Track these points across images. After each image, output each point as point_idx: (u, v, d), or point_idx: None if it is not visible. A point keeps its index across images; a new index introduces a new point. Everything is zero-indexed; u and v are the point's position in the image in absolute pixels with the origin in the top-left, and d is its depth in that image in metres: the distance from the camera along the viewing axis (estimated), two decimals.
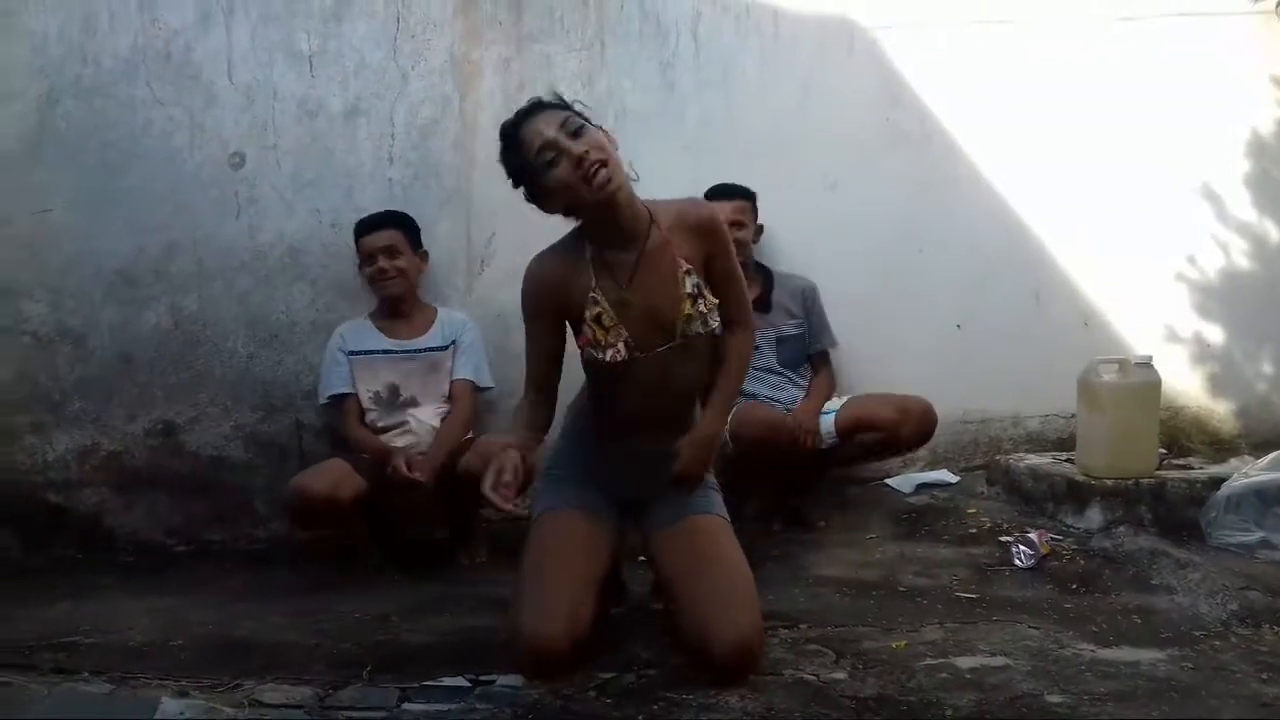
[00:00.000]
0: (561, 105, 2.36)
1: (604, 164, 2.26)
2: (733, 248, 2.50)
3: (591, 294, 2.38)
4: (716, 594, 2.29)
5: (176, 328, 3.70)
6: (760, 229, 3.81)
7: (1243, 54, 4.12)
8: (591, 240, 2.41)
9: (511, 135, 2.34)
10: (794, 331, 3.79)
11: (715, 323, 2.43)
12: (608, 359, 2.39)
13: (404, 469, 3.25)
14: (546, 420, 2.54)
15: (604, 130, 2.36)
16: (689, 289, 2.40)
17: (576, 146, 2.25)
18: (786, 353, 3.77)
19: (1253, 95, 4.14)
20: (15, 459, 3.66)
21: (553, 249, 2.47)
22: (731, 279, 2.48)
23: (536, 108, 2.35)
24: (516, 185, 2.38)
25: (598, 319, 2.39)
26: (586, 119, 2.34)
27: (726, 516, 2.54)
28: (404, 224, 3.57)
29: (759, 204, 3.82)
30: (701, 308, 2.41)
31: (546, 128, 2.28)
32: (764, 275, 3.82)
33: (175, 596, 3.07)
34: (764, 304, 3.76)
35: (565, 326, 2.47)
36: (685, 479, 2.47)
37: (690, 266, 2.40)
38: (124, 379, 3.69)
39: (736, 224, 3.71)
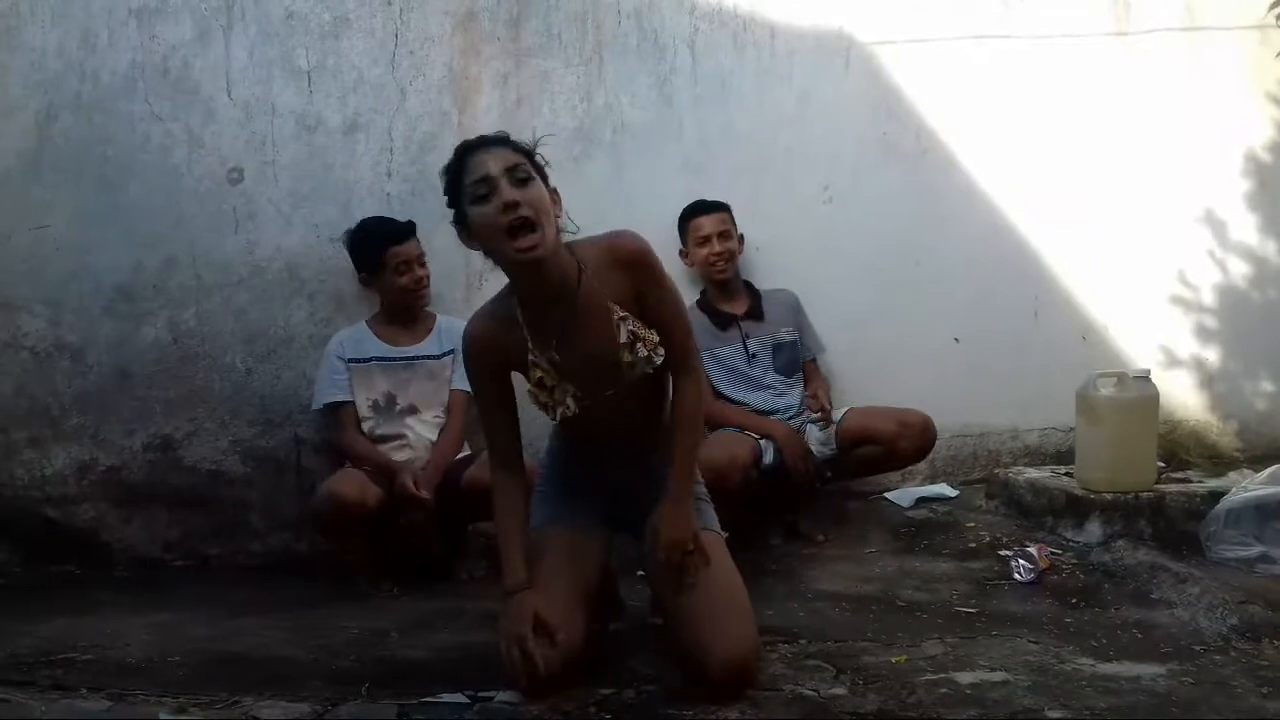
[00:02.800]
0: (523, 151, 2.29)
1: (530, 225, 2.18)
2: (665, 279, 2.40)
3: (530, 356, 2.34)
4: (711, 610, 2.29)
5: (175, 342, 3.70)
6: (741, 239, 3.82)
7: (1241, 69, 4.14)
8: (520, 299, 2.35)
9: (460, 154, 2.29)
10: (789, 339, 3.80)
11: (660, 357, 2.38)
12: (558, 416, 2.39)
13: (411, 487, 3.25)
14: (527, 497, 2.50)
15: (554, 192, 2.30)
16: (624, 337, 2.33)
17: (510, 193, 2.18)
18: (783, 360, 3.78)
19: (1251, 111, 4.16)
20: (13, 474, 3.65)
21: (487, 310, 2.43)
22: (668, 312, 2.39)
23: (497, 141, 2.29)
24: (449, 205, 2.32)
25: (540, 382, 2.36)
26: (543, 175, 2.29)
27: (719, 531, 2.53)
28: (416, 232, 3.58)
29: (756, 218, 3.84)
30: (641, 351, 2.34)
31: (493, 163, 2.21)
32: (750, 289, 3.84)
33: (173, 612, 3.06)
34: (757, 313, 3.78)
35: (511, 378, 2.43)
36: (673, 547, 2.37)
37: (624, 312, 2.34)
38: (122, 394, 3.68)
39: (724, 235, 3.74)
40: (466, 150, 2.28)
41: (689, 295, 3.81)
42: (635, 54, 3.93)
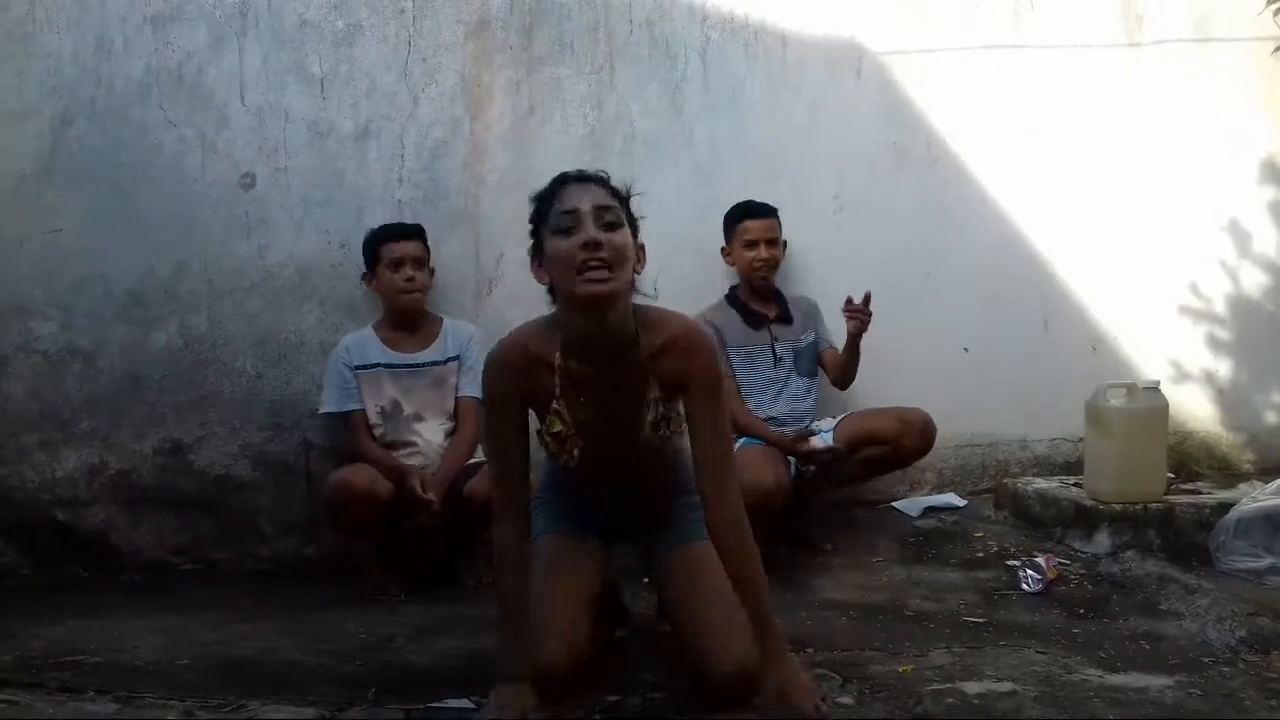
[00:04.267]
0: (620, 197, 2.23)
1: (607, 268, 2.11)
2: (721, 389, 2.29)
3: (555, 404, 2.26)
4: (716, 620, 2.28)
5: (186, 347, 3.72)
6: (784, 244, 3.83)
7: (1252, 80, 4.13)
8: (564, 341, 2.24)
9: (555, 183, 2.23)
10: (808, 342, 3.80)
11: (677, 434, 2.34)
12: (561, 464, 2.34)
13: (419, 489, 3.26)
14: (529, 552, 2.36)
15: (640, 247, 2.23)
16: (651, 416, 2.29)
17: (594, 233, 2.12)
18: (804, 363, 3.78)
19: (1263, 122, 4.15)
20: (24, 476, 3.67)
21: (524, 339, 2.30)
22: (710, 422, 2.27)
23: (595, 179, 2.23)
24: (531, 233, 2.27)
25: (556, 433, 2.29)
26: (634, 225, 2.22)
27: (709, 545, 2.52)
28: (424, 236, 3.60)
29: None
30: (664, 432, 2.31)
31: (585, 198, 2.16)
32: (777, 294, 3.84)
33: (181, 615, 3.07)
34: (786, 317, 3.78)
35: (528, 410, 2.32)
36: (817, 709, 2.21)
37: (661, 396, 2.28)
38: (133, 398, 3.70)
39: (771, 241, 3.74)
40: (563, 180, 2.23)
41: (720, 289, 3.83)
42: (647, 63, 3.95)
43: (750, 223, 3.75)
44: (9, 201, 3.68)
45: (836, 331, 3.84)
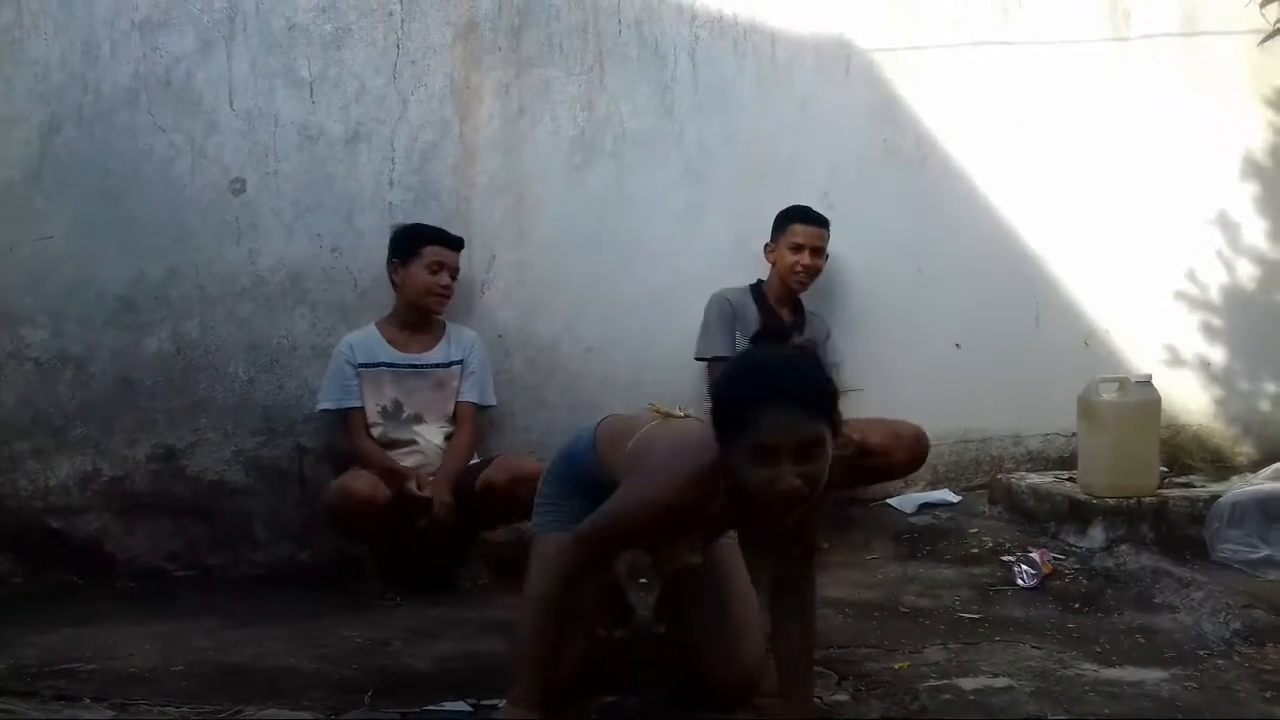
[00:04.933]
0: (824, 403, 1.90)
1: (804, 500, 1.86)
2: (815, 529, 2.22)
3: (689, 554, 2.17)
4: (721, 620, 2.28)
5: (178, 353, 3.70)
6: (828, 257, 3.83)
7: (1240, 74, 4.15)
8: (726, 512, 2.03)
9: (757, 399, 1.86)
10: (823, 355, 3.78)
11: None
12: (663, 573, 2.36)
13: (415, 489, 3.26)
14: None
15: (829, 438, 1.89)
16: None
17: (792, 476, 1.82)
18: None
19: (1251, 115, 4.16)
20: (17, 484, 3.65)
21: (686, 489, 2.01)
22: (804, 541, 2.20)
23: (792, 396, 1.85)
24: (715, 423, 1.93)
25: (687, 559, 2.19)
26: (836, 420, 1.92)
27: (734, 538, 2.52)
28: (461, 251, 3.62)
29: (757, 226, 3.85)
30: None
31: (791, 426, 1.83)
32: (797, 303, 3.84)
33: (176, 622, 3.06)
34: (799, 328, 3.78)
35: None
36: None
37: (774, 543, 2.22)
38: (125, 404, 3.68)
39: (817, 250, 3.76)
40: (761, 399, 1.85)
41: (695, 308, 3.80)
42: (636, 63, 3.94)
43: (801, 226, 3.75)
44: None
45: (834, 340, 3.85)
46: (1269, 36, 4.01)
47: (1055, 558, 3.30)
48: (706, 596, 2.34)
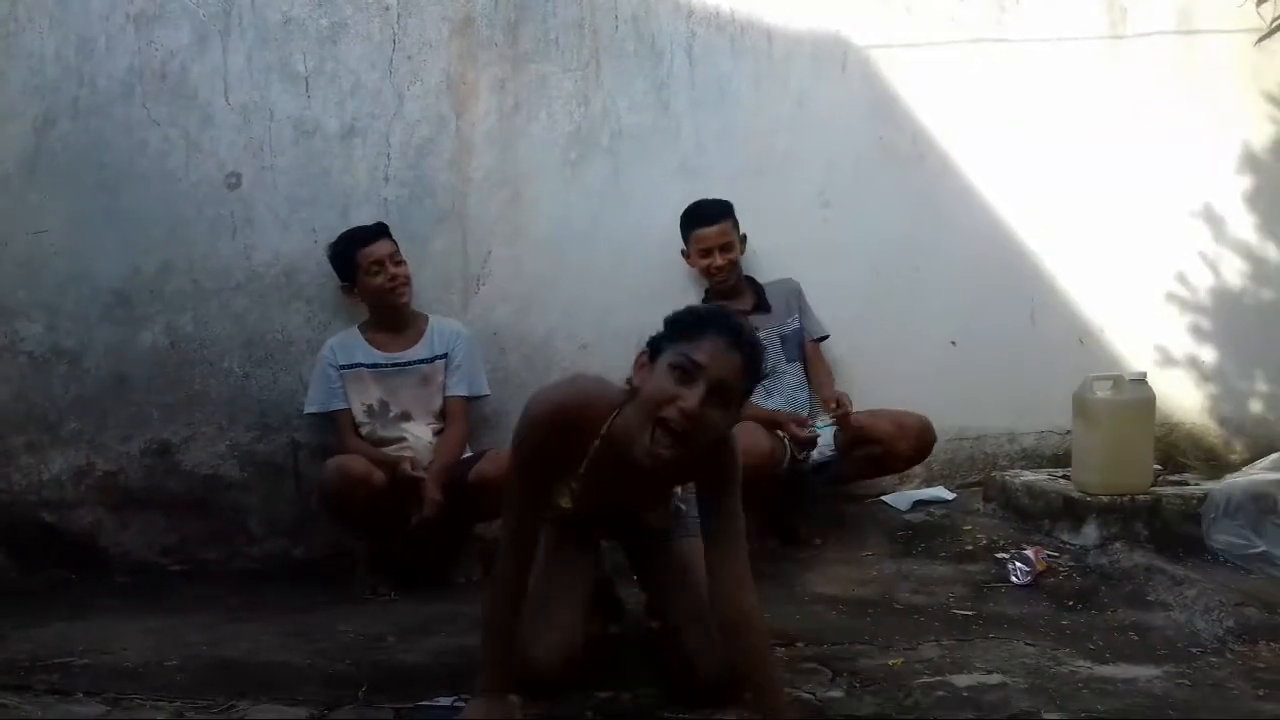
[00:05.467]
0: (755, 373, 2.01)
1: (681, 442, 1.92)
2: (737, 491, 2.12)
3: (572, 482, 2.15)
4: (702, 616, 2.28)
5: (172, 347, 3.70)
6: (744, 238, 3.81)
7: (1235, 72, 4.15)
8: (612, 432, 2.06)
9: (708, 325, 1.98)
10: (794, 327, 3.81)
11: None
12: (546, 516, 2.24)
13: (409, 469, 3.25)
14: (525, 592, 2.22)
15: (738, 408, 2.00)
16: (660, 508, 2.37)
17: (699, 408, 1.90)
18: (792, 348, 3.79)
19: (1246, 113, 4.17)
20: (10, 479, 3.64)
21: (584, 399, 2.11)
22: (721, 525, 2.11)
23: (739, 344, 1.96)
24: (652, 343, 2.04)
25: (556, 503, 2.18)
26: (743, 399, 2.01)
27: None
28: (389, 232, 3.58)
29: (753, 222, 3.83)
30: (661, 511, 2.37)
31: (718, 364, 1.92)
32: (753, 285, 3.84)
33: (170, 616, 3.06)
34: (764, 306, 3.78)
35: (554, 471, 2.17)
36: None
37: (681, 490, 2.31)
38: (119, 399, 3.68)
39: (725, 247, 3.72)
40: (711, 327, 1.97)
41: (694, 294, 3.81)
42: (633, 59, 3.94)
43: (702, 230, 3.73)
44: None
45: (831, 338, 3.85)
46: (1266, 35, 4.02)
47: (1049, 555, 3.30)
48: (688, 592, 2.34)
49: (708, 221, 3.74)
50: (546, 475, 2.15)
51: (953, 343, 4.07)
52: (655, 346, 2.02)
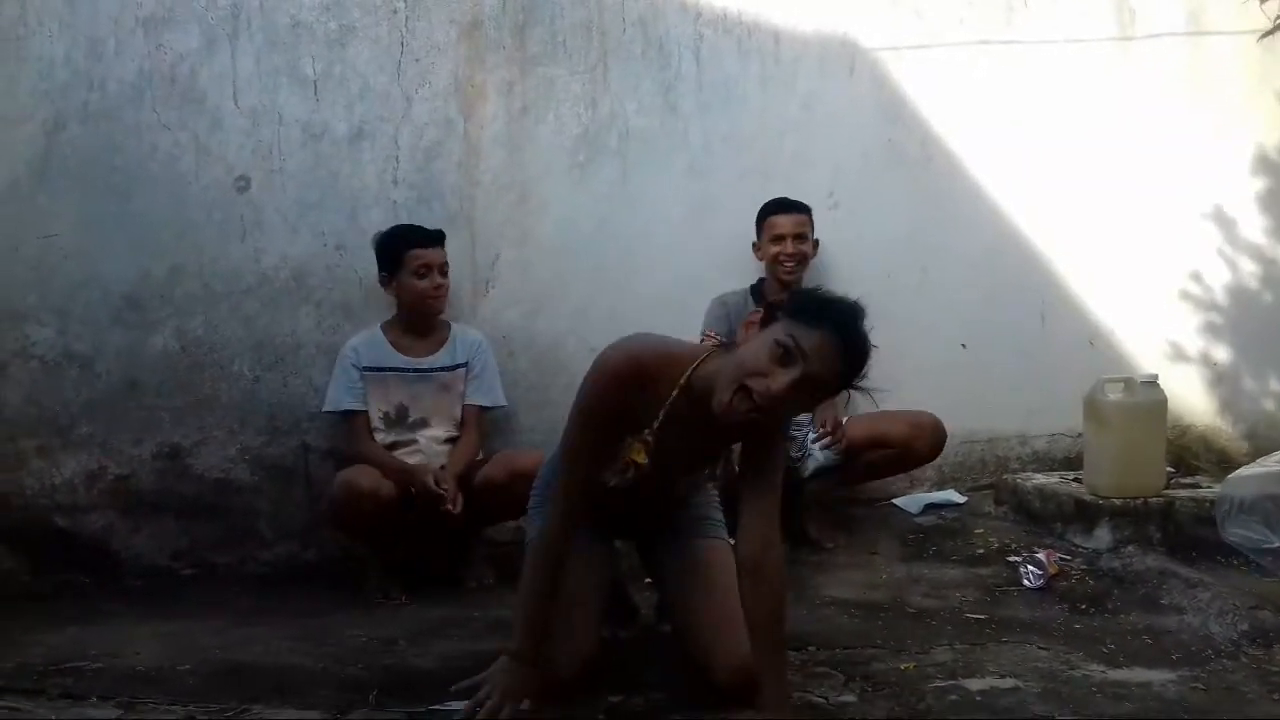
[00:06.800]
0: (855, 371, 2.05)
1: (761, 410, 1.94)
2: (782, 442, 2.21)
3: (646, 432, 2.14)
4: (718, 617, 2.28)
5: (183, 351, 3.70)
6: (815, 243, 3.82)
7: (1245, 73, 4.14)
8: (692, 382, 2.10)
9: (823, 308, 2.02)
10: None
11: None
12: (608, 482, 2.20)
13: (433, 485, 3.23)
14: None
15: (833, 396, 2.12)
16: (722, 464, 2.38)
17: (787, 389, 1.92)
18: None
19: (1255, 114, 4.16)
20: (22, 483, 3.65)
21: (660, 350, 2.16)
22: (765, 472, 2.15)
23: (847, 337, 2.01)
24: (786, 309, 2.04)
25: (630, 461, 2.16)
26: (846, 386, 2.07)
27: (728, 539, 2.52)
28: (444, 241, 3.56)
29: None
30: (717, 471, 2.39)
31: (820, 357, 1.95)
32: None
33: (182, 620, 3.06)
34: None
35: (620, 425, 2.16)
36: None
37: (733, 449, 2.29)
38: (130, 403, 3.68)
39: (799, 237, 3.75)
40: (832, 316, 2.01)
41: (717, 287, 3.81)
42: (640, 61, 3.94)
43: (779, 217, 3.76)
44: (2, 207, 3.65)
45: None
46: (1269, 32, 4.00)
47: (1061, 558, 3.29)
48: (701, 591, 2.34)
49: (788, 210, 3.76)
50: (609, 430, 2.15)
51: (963, 345, 4.06)
52: (772, 312, 2.04)
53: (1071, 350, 4.06)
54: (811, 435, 3.66)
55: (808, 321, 1.97)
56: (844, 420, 3.58)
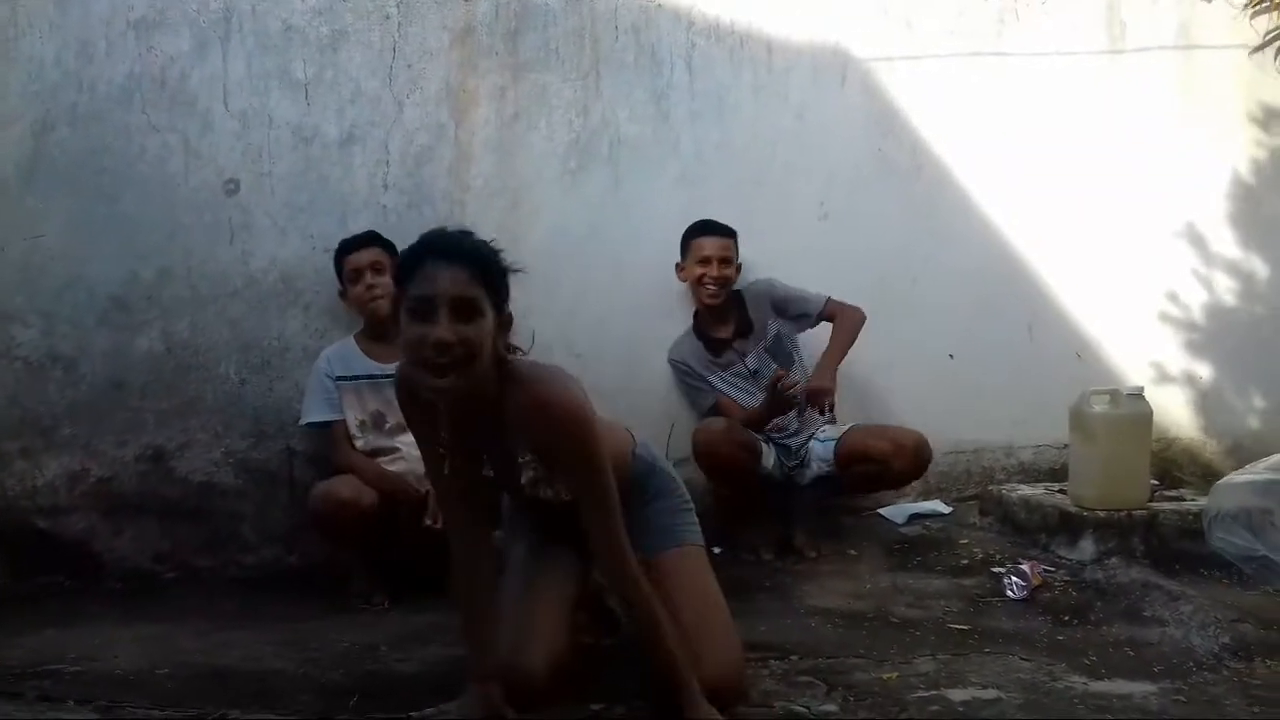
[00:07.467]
0: (486, 270, 2.03)
1: (453, 368, 1.95)
2: (595, 454, 2.09)
3: (439, 448, 2.17)
4: (694, 626, 2.27)
5: (169, 353, 3.69)
6: (739, 267, 3.81)
7: (1234, 88, 4.16)
8: (412, 390, 2.15)
9: (422, 253, 2.01)
10: (774, 332, 3.80)
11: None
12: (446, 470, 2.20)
13: (418, 490, 3.26)
14: (494, 565, 2.29)
15: (507, 315, 2.08)
16: (526, 477, 2.23)
17: (445, 331, 1.93)
18: (781, 357, 3.77)
19: (1243, 129, 4.18)
20: (4, 484, 3.62)
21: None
22: (589, 503, 2.09)
23: (465, 258, 2.00)
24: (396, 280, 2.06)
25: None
26: (499, 298, 2.05)
27: (701, 543, 2.52)
28: (386, 244, 3.55)
29: (752, 233, 3.84)
30: (546, 492, 2.24)
31: (442, 286, 1.95)
32: (736, 299, 3.81)
33: (163, 624, 3.04)
34: (746, 328, 3.79)
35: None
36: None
37: (534, 458, 2.21)
38: (115, 405, 3.66)
39: (724, 260, 3.74)
40: (425, 254, 2.00)
41: (685, 316, 3.81)
42: (633, 69, 3.95)
43: (705, 239, 3.75)
44: None
45: (818, 345, 3.83)
46: (1259, 48, 4.03)
47: (1045, 570, 3.30)
48: (675, 601, 2.32)
49: (713, 232, 3.76)
50: (431, 441, 2.20)
51: (950, 356, 4.07)
52: (398, 299, 2.05)
53: (1058, 363, 4.08)
54: (822, 438, 3.67)
55: (410, 270, 1.99)
56: (831, 388, 3.56)
